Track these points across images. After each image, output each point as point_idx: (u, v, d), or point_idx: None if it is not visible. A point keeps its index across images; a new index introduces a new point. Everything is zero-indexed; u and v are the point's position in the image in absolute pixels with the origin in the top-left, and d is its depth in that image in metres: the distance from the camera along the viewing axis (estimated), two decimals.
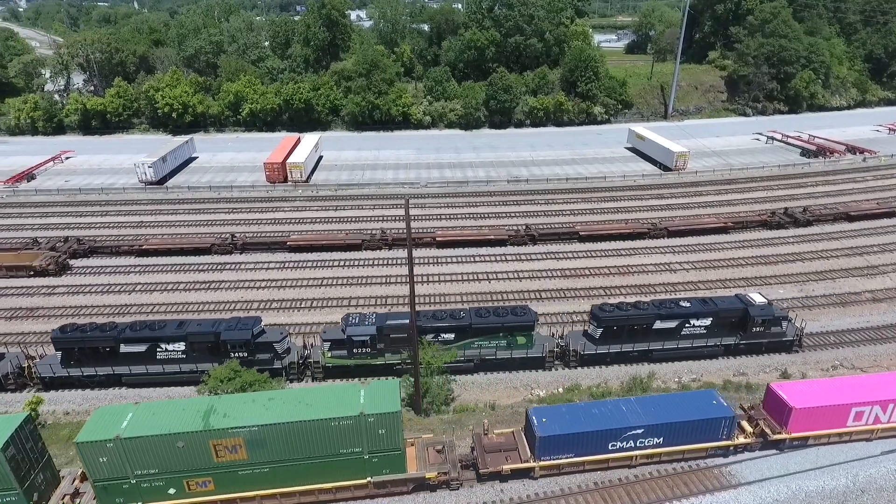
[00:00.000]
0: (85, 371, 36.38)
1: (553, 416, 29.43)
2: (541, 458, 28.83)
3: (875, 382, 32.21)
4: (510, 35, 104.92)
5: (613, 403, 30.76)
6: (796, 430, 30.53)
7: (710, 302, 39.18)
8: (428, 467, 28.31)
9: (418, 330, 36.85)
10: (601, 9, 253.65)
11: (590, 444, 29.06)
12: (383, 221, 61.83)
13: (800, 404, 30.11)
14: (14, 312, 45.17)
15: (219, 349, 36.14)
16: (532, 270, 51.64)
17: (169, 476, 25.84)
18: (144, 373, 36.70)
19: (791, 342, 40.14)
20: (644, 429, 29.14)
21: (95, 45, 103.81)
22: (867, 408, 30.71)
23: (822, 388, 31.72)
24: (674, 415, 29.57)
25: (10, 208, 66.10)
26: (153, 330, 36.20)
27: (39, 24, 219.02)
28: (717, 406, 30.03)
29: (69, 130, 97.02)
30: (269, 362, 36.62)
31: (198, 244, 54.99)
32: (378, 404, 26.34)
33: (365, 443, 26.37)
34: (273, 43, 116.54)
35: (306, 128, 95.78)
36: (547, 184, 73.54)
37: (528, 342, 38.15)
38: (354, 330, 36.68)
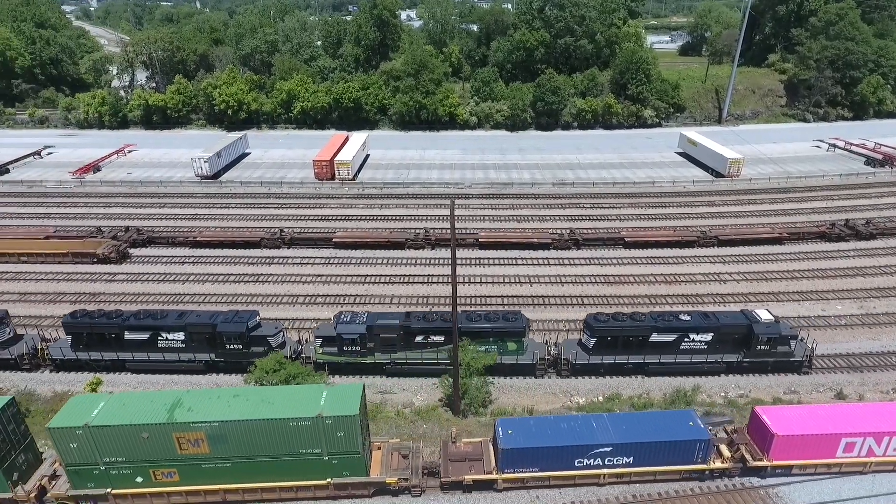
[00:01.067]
0: (92, 355, 38.28)
1: (520, 428, 28.97)
2: (504, 470, 28.42)
3: (870, 412, 30.20)
4: (560, 36, 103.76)
5: (584, 419, 30.02)
6: (778, 458, 29.09)
7: (712, 316, 37.80)
8: (390, 472, 28.55)
9: (409, 331, 37.84)
10: (654, 9, 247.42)
11: (555, 459, 28.38)
12: (427, 221, 62.35)
13: (783, 431, 28.63)
14: (78, 297, 47.88)
15: (215, 340, 37.48)
16: (575, 275, 51.07)
17: (136, 465, 27.05)
18: (146, 360, 38.33)
19: (800, 363, 38.21)
20: (612, 447, 28.31)
21: (158, 43, 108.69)
22: (859, 439, 28.86)
23: (811, 414, 29.96)
24: (645, 434, 28.59)
25: (77, 198, 70.01)
26: (155, 319, 37.75)
27: (108, 22, 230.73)
28: (693, 428, 28.80)
29: (132, 125, 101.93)
30: (263, 355, 37.35)
31: (248, 238, 56.91)
32: (337, 407, 26.66)
33: (324, 444, 26.78)
34: (325, 42, 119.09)
35: (355, 126, 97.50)
36: (593, 188, 72.50)
37: (519, 348, 37.66)
38: (344, 328, 37.22)
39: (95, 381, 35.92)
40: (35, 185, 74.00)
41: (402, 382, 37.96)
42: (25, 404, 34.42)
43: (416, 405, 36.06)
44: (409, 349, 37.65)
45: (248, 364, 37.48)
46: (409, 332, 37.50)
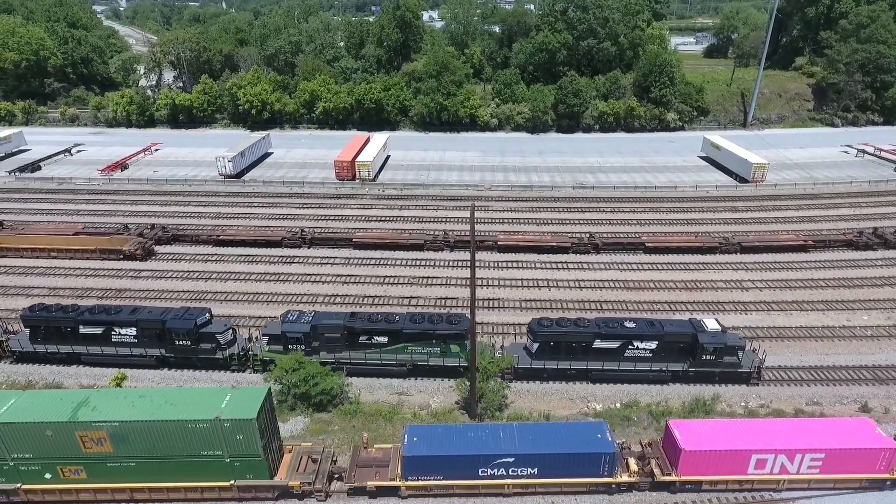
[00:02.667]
0: (49, 348, 39.27)
1: (426, 435, 29.11)
2: (408, 477, 28.47)
3: (784, 428, 29.53)
4: (583, 38, 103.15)
5: (492, 428, 29.93)
6: (687, 473, 28.66)
7: (657, 324, 37.44)
8: (296, 476, 28.66)
9: (352, 332, 38.08)
10: (679, 10, 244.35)
11: (458, 467, 28.30)
12: (446, 223, 62.57)
13: (691, 446, 28.23)
14: (104, 293, 49.09)
15: (165, 336, 38.27)
16: (594, 280, 50.82)
17: (43, 462, 27.50)
18: (100, 353, 39.20)
19: (748, 374, 37.59)
20: (515, 458, 28.11)
21: (185, 43, 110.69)
22: (770, 456, 28.23)
23: (724, 429, 29.38)
24: (550, 446, 28.42)
25: (105, 195, 71.72)
26: (108, 314, 38.66)
27: (136, 22, 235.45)
28: (600, 440, 28.57)
29: (159, 124, 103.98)
30: (211, 352, 38.46)
31: (270, 237, 57.73)
32: (237, 410, 26.85)
33: (224, 447, 27.03)
34: (348, 43, 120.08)
35: (376, 127, 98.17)
36: (614, 191, 71.98)
37: (462, 351, 37.58)
38: (289, 327, 37.68)
39: (120, 377, 36.81)
40: (65, 182, 75.99)
41: (419, 384, 38.23)
42: None
43: (432, 407, 36.28)
44: (353, 349, 37.93)
45: (198, 360, 39.02)
46: (353, 333, 37.79)
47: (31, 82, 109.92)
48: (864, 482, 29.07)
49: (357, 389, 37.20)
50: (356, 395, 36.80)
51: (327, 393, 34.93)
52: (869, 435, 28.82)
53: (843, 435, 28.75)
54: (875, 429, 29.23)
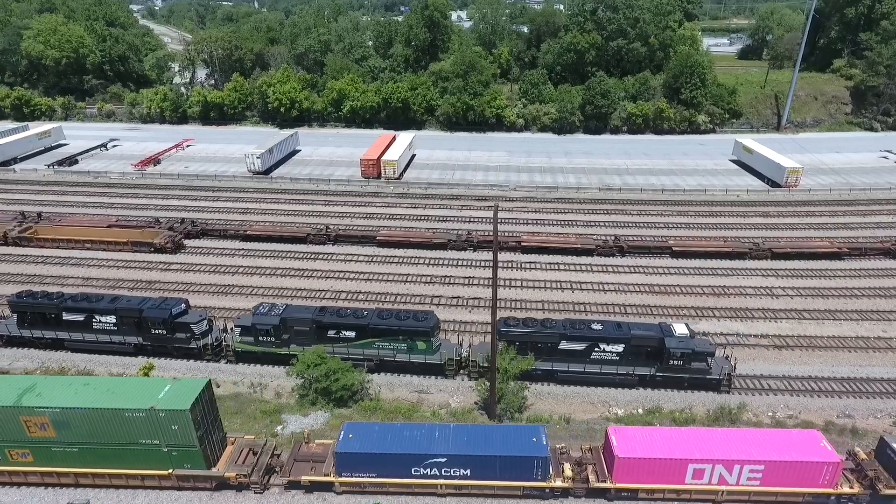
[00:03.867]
0: (34, 333, 40.65)
1: (362, 432, 29.17)
2: (341, 473, 28.58)
3: (722, 438, 28.67)
4: (612, 38, 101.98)
5: (429, 428, 29.64)
6: (622, 481, 28.16)
7: (624, 327, 37.04)
8: (234, 468, 29.09)
9: (321, 325, 38.44)
10: (713, 10, 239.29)
11: (391, 466, 28.27)
12: (470, 222, 62.51)
13: (625, 453, 27.73)
14: (136, 284, 50.36)
15: (142, 325, 39.33)
16: (618, 283, 50.18)
17: None
18: (82, 340, 40.36)
19: (717, 381, 36.86)
20: (447, 458, 28.01)
21: (218, 42, 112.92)
22: (708, 466, 27.51)
23: (662, 437, 28.76)
24: (483, 447, 28.22)
25: (138, 189, 73.60)
26: (90, 302, 39.86)
27: (172, 21, 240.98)
28: (534, 444, 28.25)
29: (191, 120, 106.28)
30: (186, 342, 39.39)
31: (295, 233, 58.46)
32: (173, 401, 27.41)
33: (161, 436, 27.65)
34: (376, 43, 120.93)
35: (402, 126, 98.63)
36: (641, 194, 70.96)
37: (428, 348, 37.76)
38: (260, 319, 38.46)
39: (148, 366, 37.72)
40: (100, 175, 78.22)
41: (439, 382, 38.26)
42: None
43: (452, 406, 36.28)
44: (322, 342, 38.13)
45: (173, 349, 40.07)
46: (321, 326, 38.21)
47: (70, 79, 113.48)
48: (806, 496, 28.08)
49: (377, 386, 37.43)
50: (376, 391, 37.03)
51: (348, 388, 35.23)
52: (813, 448, 27.92)
53: (786, 447, 27.93)
54: (821, 442, 28.30)
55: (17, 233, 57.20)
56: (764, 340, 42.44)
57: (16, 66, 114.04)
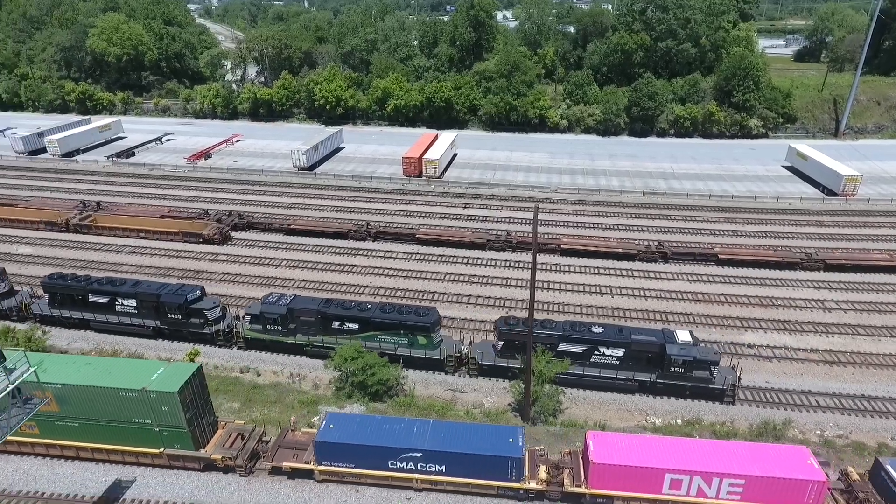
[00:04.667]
0: (63, 313, 42.96)
1: (343, 423, 29.74)
2: (321, 462, 29.17)
3: (703, 449, 27.74)
4: (661, 39, 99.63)
5: (408, 422, 29.93)
6: (597, 487, 27.74)
7: (626, 332, 36.51)
8: (221, 451, 30.18)
9: (326, 317, 39.18)
10: (769, 11, 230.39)
11: (368, 457, 28.74)
12: (509, 223, 62.32)
13: (601, 459, 27.23)
14: (184, 273, 52.36)
15: (159, 309, 41.10)
16: (660, 290, 49.11)
17: None
18: (106, 321, 42.57)
19: (721, 391, 35.87)
20: (423, 453, 28.21)
21: (269, 41, 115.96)
22: (685, 477, 26.66)
23: (641, 445, 28.08)
24: (458, 444, 28.28)
25: (189, 182, 76.44)
26: (113, 285, 42.06)
27: (226, 20, 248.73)
28: (510, 444, 28.11)
29: (241, 116, 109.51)
30: (200, 327, 41.18)
31: (337, 228, 59.59)
32: (164, 383, 28.46)
33: (152, 416, 28.83)
34: (421, 42, 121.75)
35: (445, 125, 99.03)
36: (686, 199, 69.15)
37: (429, 343, 38.11)
38: (268, 308, 39.63)
39: (194, 352, 39.21)
40: (155, 168, 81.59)
41: (473, 382, 38.37)
42: None
43: (485, 406, 36.33)
44: (327, 334, 39.26)
45: (188, 334, 41.71)
46: (326, 318, 39.03)
47: (130, 75, 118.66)
48: None
49: (412, 383, 37.82)
50: (411, 388, 37.42)
51: (383, 383, 35.75)
52: (799, 465, 26.70)
53: (770, 462, 26.83)
54: (808, 458, 27.05)
55: (77, 220, 60.33)
56: (814, 355, 40.80)
57: (81, 62, 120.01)
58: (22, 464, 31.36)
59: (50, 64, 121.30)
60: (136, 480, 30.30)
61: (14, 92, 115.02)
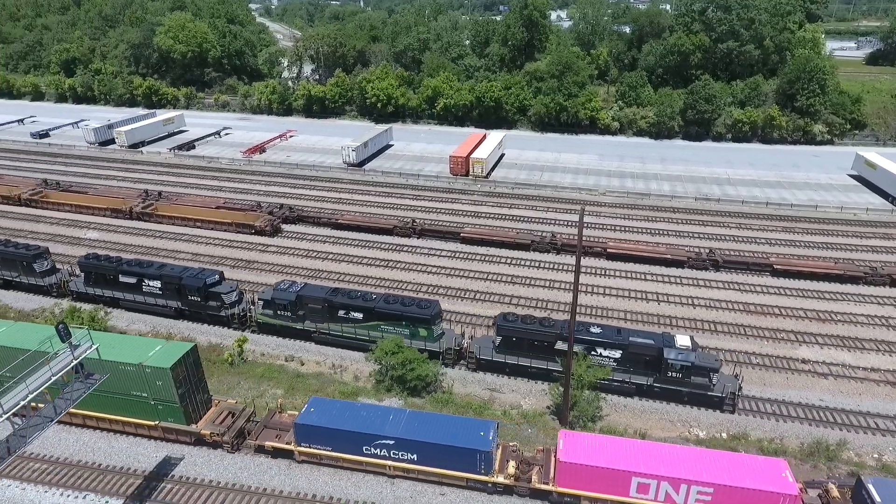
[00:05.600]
0: (96, 291, 45.72)
1: (324, 408, 30.78)
2: (300, 443, 30.28)
3: (677, 456, 27.29)
4: (722, 40, 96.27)
5: (385, 410, 30.94)
6: (564, 485, 27.78)
7: (624, 333, 36.13)
8: (210, 426, 31.74)
9: (332, 305, 40.32)
10: (840, 11, 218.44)
11: (344, 441, 29.56)
12: (555, 225, 61.72)
13: (568, 458, 27.28)
14: (236, 263, 54.38)
15: (181, 291, 43.34)
16: (709, 299, 47.57)
17: None
18: (133, 300, 45.06)
19: (720, 399, 35.04)
20: (395, 441, 28.88)
21: (324, 39, 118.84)
22: (653, 481, 26.36)
23: (611, 446, 27.97)
24: (429, 435, 28.76)
25: (244, 175, 79.29)
26: (141, 267, 44.54)
27: (285, 19, 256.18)
28: (481, 438, 28.50)
29: (295, 112, 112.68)
30: (217, 309, 43.10)
31: (383, 225, 60.52)
32: (159, 360, 30.11)
33: (148, 390, 30.54)
34: (473, 42, 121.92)
35: (493, 125, 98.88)
36: (741, 206, 66.62)
37: (429, 335, 38.81)
38: (279, 294, 41.25)
39: (242, 339, 40.73)
40: (213, 161, 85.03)
41: (511, 383, 38.29)
42: None
43: (523, 407, 36.19)
44: (333, 321, 40.53)
45: (206, 315, 43.79)
46: (333, 306, 40.24)
47: (193, 71, 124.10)
48: None
49: (451, 380, 38.07)
50: (449, 385, 37.66)
51: (422, 379, 36.15)
52: (772, 477, 25.97)
53: (742, 472, 26.20)
54: (783, 471, 26.29)
55: (140, 209, 63.61)
56: (874, 375, 38.70)
57: (149, 58, 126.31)
58: (82, 435, 33.41)
59: (121, 60, 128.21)
60: (185, 458, 31.79)
61: (88, 86, 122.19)
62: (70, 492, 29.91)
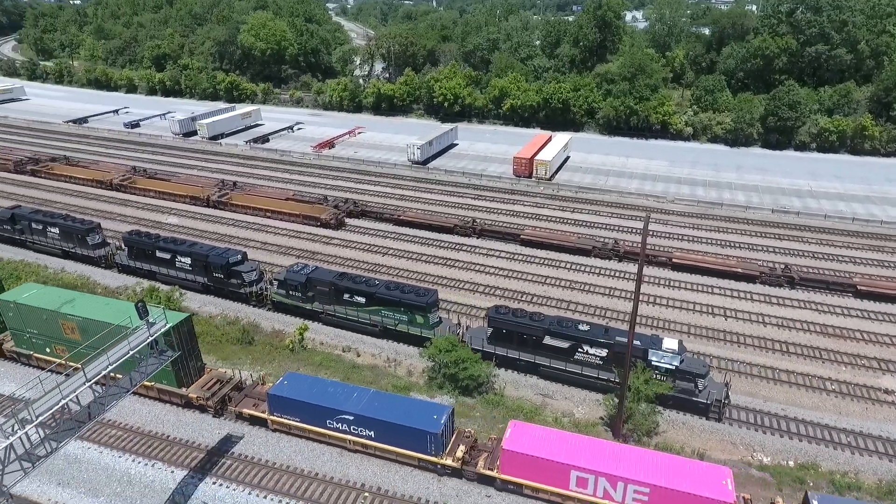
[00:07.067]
0: (137, 264, 50.18)
1: (297, 381, 32.95)
2: (273, 413, 32.59)
3: (619, 454, 27.62)
4: (811, 43, 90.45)
5: (349, 388, 32.74)
6: (507, 473, 28.78)
7: (611, 332, 36.38)
8: (198, 391, 34.58)
9: (337, 288, 42.36)
10: None
11: (310, 414, 31.63)
12: (618, 231, 60.13)
13: (511, 446, 28.14)
14: (301, 253, 56.39)
15: (207, 268, 46.78)
16: (782, 318, 44.91)
17: (44, 338, 36.70)
18: (167, 275, 48.76)
19: (706, 406, 34.41)
20: (354, 417, 30.64)
21: (396, 38, 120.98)
22: (591, 476, 27.01)
23: (556, 439, 28.59)
24: (386, 414, 30.31)
25: (313, 168, 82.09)
26: (175, 245, 48.28)
27: (359, 18, 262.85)
28: (433, 421, 29.69)
29: (364, 110, 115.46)
30: (237, 287, 46.33)
31: (443, 223, 61.00)
32: None
33: None
34: (543, 42, 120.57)
35: (560, 127, 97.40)
36: (824, 220, 62.40)
37: (425, 322, 40.31)
38: (291, 276, 43.88)
39: (304, 328, 42.25)
40: (285, 154, 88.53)
41: (564, 390, 37.68)
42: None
43: (575, 416, 35.56)
44: (338, 304, 42.74)
45: (228, 292, 46.95)
46: (338, 290, 42.41)
47: (271, 68, 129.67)
48: None
49: (503, 382, 37.94)
50: (501, 387, 37.55)
51: (474, 379, 36.25)
52: (711, 483, 25.91)
53: (681, 476, 26.37)
54: (725, 479, 26.13)
55: (216, 197, 67.17)
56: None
57: (232, 55, 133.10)
58: (154, 408, 35.77)
59: (206, 56, 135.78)
60: (244, 437, 33.40)
61: (176, 80, 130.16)
62: (141, 459, 32.11)
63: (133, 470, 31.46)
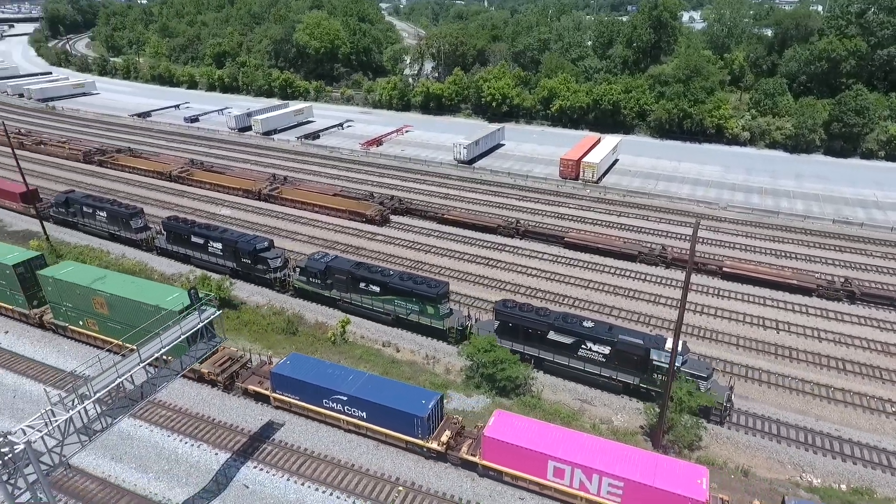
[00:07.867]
0: (174, 248, 52.99)
1: (299, 362, 34.53)
2: (275, 391, 34.29)
3: (595, 447, 28.21)
4: (883, 45, 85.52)
5: (346, 371, 34.10)
6: (488, 460, 29.76)
7: (615, 330, 36.34)
8: (209, 367, 36.64)
9: (353, 277, 43.93)
10: None
11: (308, 393, 33.16)
12: (666, 237, 58.58)
13: (493, 434, 29.02)
14: (346, 248, 57.50)
15: (236, 254, 49.11)
16: (839, 334, 42.74)
17: (78, 312, 39.46)
18: (200, 258, 51.34)
19: (706, 408, 33.58)
20: (347, 398, 32.06)
21: (446, 38, 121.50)
22: (567, 467, 27.70)
23: (536, 430, 29.32)
24: (378, 396, 31.53)
25: (361, 165, 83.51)
26: (208, 230, 50.92)
27: (412, 18, 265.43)
28: (422, 405, 30.81)
29: (413, 108, 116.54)
30: (263, 272, 48.50)
31: (487, 223, 60.93)
32: (172, 304, 34.44)
33: None
34: (595, 43, 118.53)
35: (609, 129, 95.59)
36: (890, 233, 58.97)
37: (436, 313, 41.22)
38: (312, 263, 45.70)
39: (346, 321, 43.08)
40: (334, 151, 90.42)
41: (603, 397, 37.07)
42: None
43: (614, 424, 34.93)
44: (355, 292, 44.46)
45: (254, 277, 49.03)
46: (355, 278, 44.02)
47: (324, 66, 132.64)
48: None
49: (541, 385, 37.65)
50: (539, 390, 37.28)
51: (511, 380, 36.12)
52: (686, 481, 26.08)
53: (656, 472, 26.57)
54: (700, 478, 26.23)
55: (267, 191, 69.31)
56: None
57: (287, 53, 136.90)
58: (201, 390, 37.31)
59: (263, 54, 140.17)
60: (285, 424, 34.43)
61: (234, 77, 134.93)
62: (187, 439, 33.55)
63: (180, 449, 32.91)
